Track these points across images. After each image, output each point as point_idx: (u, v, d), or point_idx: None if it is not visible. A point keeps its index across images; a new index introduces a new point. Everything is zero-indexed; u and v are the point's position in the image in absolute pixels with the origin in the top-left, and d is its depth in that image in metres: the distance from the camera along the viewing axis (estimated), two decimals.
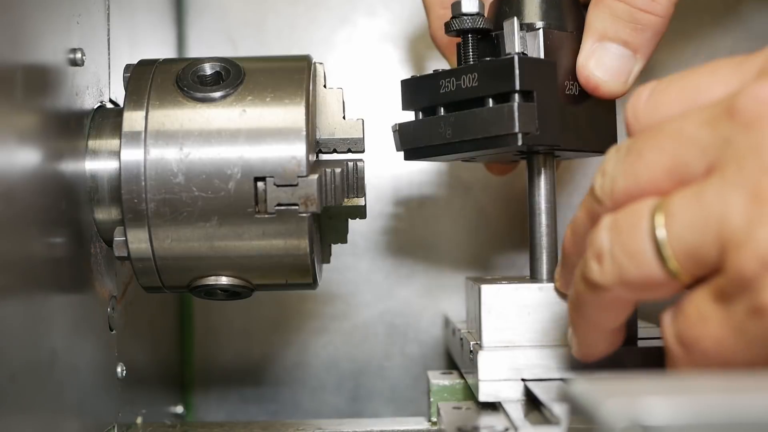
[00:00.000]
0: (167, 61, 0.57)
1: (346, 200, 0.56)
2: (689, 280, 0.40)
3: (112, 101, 0.60)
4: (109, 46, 0.60)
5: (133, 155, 0.53)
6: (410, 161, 0.62)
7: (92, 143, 0.56)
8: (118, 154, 0.53)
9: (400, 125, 0.60)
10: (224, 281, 0.56)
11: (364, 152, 0.58)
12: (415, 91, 0.60)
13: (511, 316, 0.57)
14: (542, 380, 0.55)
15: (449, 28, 0.58)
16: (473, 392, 0.58)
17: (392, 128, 0.61)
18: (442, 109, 0.58)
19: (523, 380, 0.55)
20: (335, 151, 0.58)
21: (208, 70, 0.56)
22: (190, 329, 0.84)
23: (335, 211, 0.58)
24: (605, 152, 0.45)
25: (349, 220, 0.60)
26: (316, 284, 0.58)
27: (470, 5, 0.57)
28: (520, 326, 0.57)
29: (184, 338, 0.84)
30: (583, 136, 0.59)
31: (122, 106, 0.54)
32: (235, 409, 0.84)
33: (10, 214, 0.44)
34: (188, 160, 0.53)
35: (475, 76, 0.56)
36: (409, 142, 0.60)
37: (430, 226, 0.83)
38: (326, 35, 0.84)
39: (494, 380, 0.55)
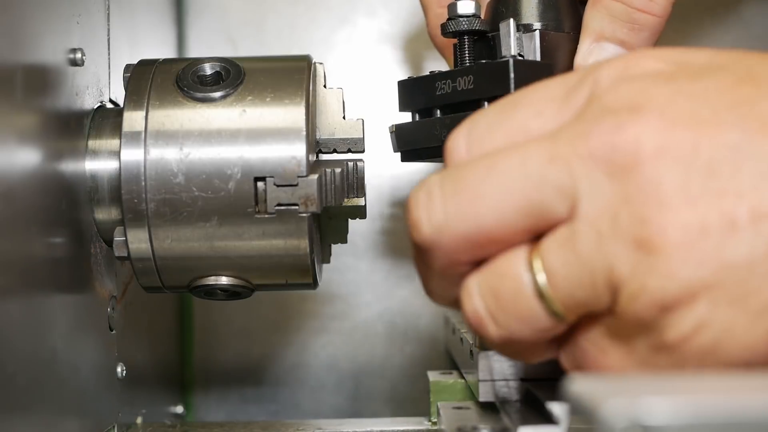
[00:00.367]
0: (167, 61, 0.57)
1: (346, 200, 0.56)
2: (576, 319, 0.39)
3: (112, 101, 0.60)
4: (109, 46, 0.60)
5: (133, 155, 0.53)
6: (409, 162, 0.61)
7: (92, 143, 0.56)
8: (118, 154, 0.53)
9: (396, 126, 0.60)
10: (224, 281, 0.56)
11: (364, 152, 0.58)
12: (411, 92, 0.60)
13: None
14: (542, 380, 0.55)
15: (445, 29, 0.57)
16: (473, 392, 0.58)
17: (389, 129, 0.60)
18: (438, 111, 0.58)
19: (522, 380, 0.55)
20: (335, 151, 0.58)
21: (208, 70, 0.56)
22: (190, 329, 0.84)
23: (335, 211, 0.58)
24: None
25: (349, 220, 0.60)
26: (316, 284, 0.58)
27: (466, 7, 0.57)
28: None
29: (184, 338, 0.84)
30: None
31: (122, 106, 0.54)
32: (235, 409, 0.85)
33: (10, 214, 0.44)
34: (188, 160, 0.53)
35: (470, 78, 0.56)
36: (405, 143, 0.60)
37: None
38: (326, 35, 0.84)
39: (494, 380, 0.55)
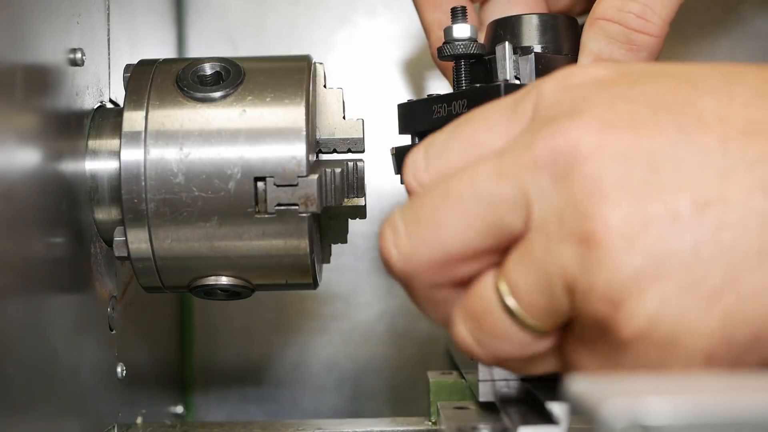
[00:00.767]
0: (167, 61, 0.57)
1: (346, 200, 0.56)
2: (556, 328, 0.40)
3: (112, 101, 0.60)
4: (109, 46, 0.60)
5: (133, 155, 0.53)
6: None
7: (92, 143, 0.56)
8: (118, 154, 0.53)
9: (396, 149, 0.60)
10: (224, 281, 0.56)
11: (364, 152, 0.58)
12: (410, 115, 0.60)
13: None
14: (542, 380, 0.55)
15: (442, 53, 0.57)
16: (473, 392, 0.58)
17: (390, 152, 0.61)
18: None
19: (523, 380, 0.55)
20: (335, 151, 0.58)
21: (208, 70, 0.56)
22: (190, 329, 0.84)
23: (335, 211, 0.58)
24: None
25: (349, 220, 0.60)
26: (316, 284, 0.58)
27: (462, 31, 0.57)
28: None
29: (184, 338, 0.84)
30: None
31: (122, 106, 0.54)
32: (235, 409, 0.84)
33: (10, 214, 0.44)
34: (188, 160, 0.53)
35: (464, 102, 0.56)
36: None
37: None
38: (326, 35, 0.84)
39: (494, 380, 0.55)
